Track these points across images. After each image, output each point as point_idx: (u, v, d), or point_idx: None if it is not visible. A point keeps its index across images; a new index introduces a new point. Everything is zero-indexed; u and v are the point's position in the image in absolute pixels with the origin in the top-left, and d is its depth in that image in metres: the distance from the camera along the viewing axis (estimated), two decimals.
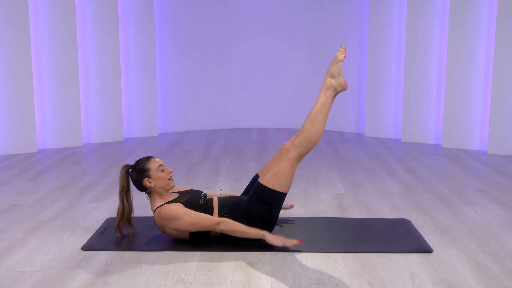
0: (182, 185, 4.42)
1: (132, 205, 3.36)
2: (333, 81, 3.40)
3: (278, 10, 7.73)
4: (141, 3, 6.98)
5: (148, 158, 3.37)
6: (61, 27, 6.26)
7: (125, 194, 3.32)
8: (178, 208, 3.21)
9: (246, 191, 3.54)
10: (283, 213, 3.75)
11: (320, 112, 3.34)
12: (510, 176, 5.05)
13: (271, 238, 3.14)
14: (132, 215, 3.38)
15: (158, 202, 3.30)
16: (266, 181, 3.28)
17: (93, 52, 6.62)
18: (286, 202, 3.91)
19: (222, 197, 3.42)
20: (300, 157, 3.33)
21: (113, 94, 6.75)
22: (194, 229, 3.20)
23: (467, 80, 6.28)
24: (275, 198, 3.28)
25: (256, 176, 3.47)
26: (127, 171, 3.35)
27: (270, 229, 3.34)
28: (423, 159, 5.79)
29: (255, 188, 3.31)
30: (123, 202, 3.32)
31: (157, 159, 3.37)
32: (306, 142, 3.31)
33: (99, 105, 6.72)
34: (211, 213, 3.30)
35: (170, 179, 3.36)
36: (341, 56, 3.41)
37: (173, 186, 3.40)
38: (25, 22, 5.94)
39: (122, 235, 3.36)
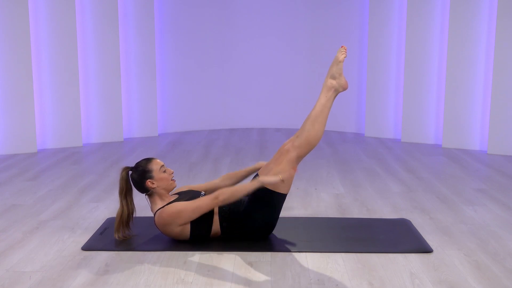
0: (182, 186, 4.41)
1: (133, 207, 3.35)
2: (334, 82, 3.40)
3: (278, 10, 7.72)
4: (141, 3, 6.97)
5: (149, 160, 3.37)
6: (61, 27, 6.26)
7: (124, 196, 3.31)
8: (176, 204, 3.23)
9: None
10: (283, 214, 3.74)
11: (321, 114, 3.34)
12: (510, 176, 5.05)
13: (266, 179, 3.18)
14: (133, 217, 3.37)
15: (159, 204, 3.29)
16: None
17: (93, 52, 6.62)
18: (286, 203, 3.91)
19: None
20: (299, 158, 3.34)
21: (113, 94, 6.74)
22: (198, 214, 3.19)
23: (467, 80, 6.28)
24: (276, 199, 3.28)
25: (256, 177, 3.47)
26: (127, 173, 3.34)
27: (270, 230, 3.35)
28: (423, 159, 5.79)
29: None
30: (122, 205, 3.31)
31: (158, 160, 3.37)
32: (306, 143, 3.31)
33: (99, 105, 6.72)
34: (211, 213, 3.29)
35: (172, 179, 3.37)
36: (341, 56, 3.41)
37: (175, 187, 3.41)
38: (25, 22, 5.94)
39: (120, 238, 3.33)
